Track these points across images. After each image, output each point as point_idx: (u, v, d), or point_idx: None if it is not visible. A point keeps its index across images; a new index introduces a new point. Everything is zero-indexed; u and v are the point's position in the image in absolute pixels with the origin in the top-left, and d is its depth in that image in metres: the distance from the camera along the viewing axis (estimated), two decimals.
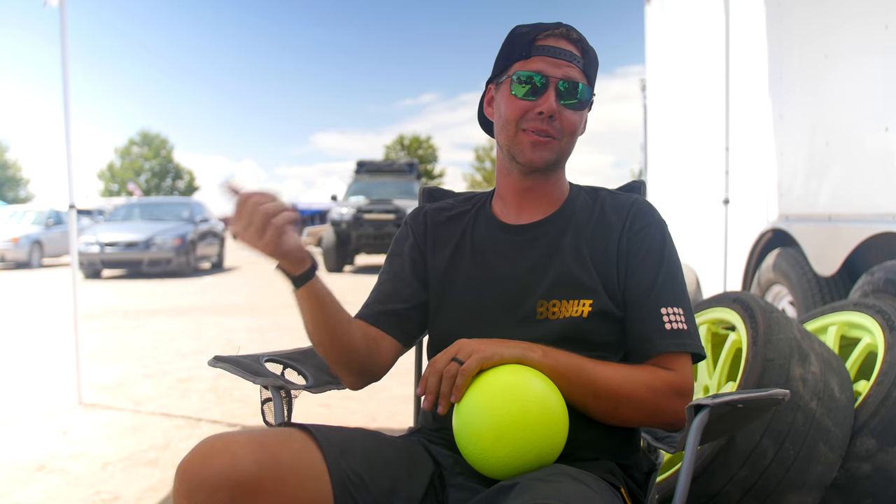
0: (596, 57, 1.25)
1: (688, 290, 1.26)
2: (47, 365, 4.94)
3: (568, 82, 1.19)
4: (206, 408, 3.76)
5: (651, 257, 1.22)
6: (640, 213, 1.26)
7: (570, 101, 1.19)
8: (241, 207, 1.04)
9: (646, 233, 1.24)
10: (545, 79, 1.18)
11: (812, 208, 3.24)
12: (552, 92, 1.18)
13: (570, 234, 1.25)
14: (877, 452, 1.73)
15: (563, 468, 1.02)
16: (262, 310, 7.87)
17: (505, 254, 1.26)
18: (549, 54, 1.19)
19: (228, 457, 0.96)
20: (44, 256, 15.08)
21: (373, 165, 15.33)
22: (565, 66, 1.19)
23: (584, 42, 1.23)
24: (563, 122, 1.20)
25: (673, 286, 1.20)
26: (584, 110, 1.24)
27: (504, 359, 1.06)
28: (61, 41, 3.71)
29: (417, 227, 1.36)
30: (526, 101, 1.19)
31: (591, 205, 1.29)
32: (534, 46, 1.20)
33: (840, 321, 2.18)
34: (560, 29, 1.21)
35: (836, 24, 3.01)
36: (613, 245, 1.23)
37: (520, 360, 1.07)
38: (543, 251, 1.24)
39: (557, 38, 1.21)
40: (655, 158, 6.61)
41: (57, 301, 8.52)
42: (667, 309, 1.18)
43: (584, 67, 1.21)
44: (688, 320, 1.18)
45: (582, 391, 1.10)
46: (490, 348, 1.06)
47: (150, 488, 2.61)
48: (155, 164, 48.49)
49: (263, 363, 1.34)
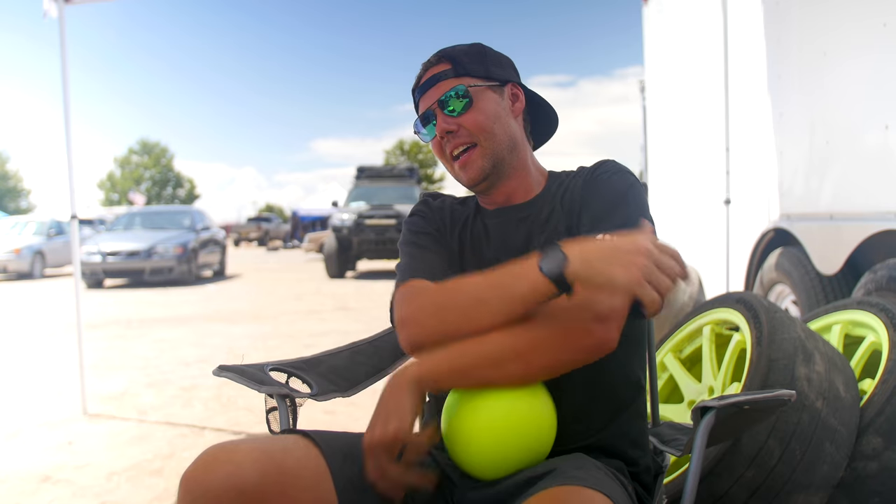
0: (475, 50, 1.29)
1: (691, 293, 1.24)
2: (51, 375, 4.94)
3: (443, 96, 1.24)
4: (211, 416, 3.76)
5: (603, 194, 1.20)
6: (603, 165, 1.27)
7: (453, 106, 1.24)
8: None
9: (604, 177, 1.23)
10: (428, 111, 1.27)
11: (813, 207, 3.24)
12: (439, 115, 1.25)
13: (545, 210, 1.26)
14: (883, 451, 1.72)
15: (581, 456, 1.06)
16: (264, 317, 7.87)
17: (493, 237, 1.28)
18: (423, 91, 1.28)
19: (232, 466, 0.96)
20: (46, 267, 15.09)
21: (373, 171, 15.34)
22: (436, 88, 1.25)
23: (452, 51, 1.28)
24: (465, 127, 1.23)
25: (623, 223, 1.12)
26: (480, 103, 1.24)
27: (400, 426, 0.99)
28: (61, 52, 3.72)
29: (429, 212, 1.35)
30: (435, 138, 1.27)
31: (566, 181, 1.30)
32: (416, 95, 1.30)
33: (844, 320, 2.18)
34: (429, 61, 1.29)
35: (834, 22, 3.01)
36: (577, 201, 1.24)
37: (404, 407, 1.01)
38: (525, 230, 1.26)
39: (427, 71, 1.28)
40: (655, 160, 6.61)
41: (60, 311, 8.52)
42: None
43: (456, 72, 1.25)
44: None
45: (479, 371, 1.03)
46: (381, 431, 1.00)
47: (155, 498, 2.60)
48: (155, 173, 48.61)
49: (268, 372, 1.34)
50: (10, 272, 14.41)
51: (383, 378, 1.53)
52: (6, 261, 14.24)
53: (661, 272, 0.94)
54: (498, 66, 1.29)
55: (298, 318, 7.75)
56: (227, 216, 43.82)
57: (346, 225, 12.57)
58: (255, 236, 33.91)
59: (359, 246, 12.62)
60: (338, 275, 12.96)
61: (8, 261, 14.25)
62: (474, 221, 1.33)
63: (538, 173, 1.33)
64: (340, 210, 13.37)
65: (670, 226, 5.31)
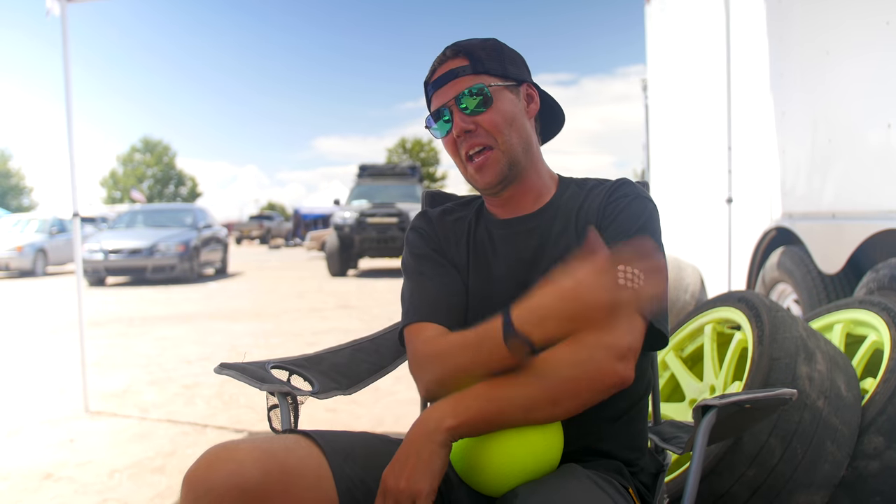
0: (492, 46, 1.25)
1: (693, 292, 1.24)
2: (53, 373, 4.95)
3: (460, 94, 1.21)
4: (213, 414, 3.76)
5: (621, 222, 1.19)
6: (622, 189, 1.25)
7: (471, 104, 1.20)
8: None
9: (622, 203, 1.22)
10: (443, 107, 1.23)
11: (815, 206, 3.23)
12: (455, 113, 1.22)
13: (557, 222, 1.25)
14: (885, 450, 1.72)
15: (572, 468, 1.03)
16: (266, 315, 7.88)
17: (501, 249, 1.27)
18: (438, 86, 1.24)
19: (234, 464, 0.96)
20: (48, 265, 15.10)
21: (375, 169, 15.34)
22: (453, 84, 1.22)
23: (469, 46, 1.24)
24: (482, 127, 1.21)
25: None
26: (499, 103, 1.21)
27: (425, 489, 0.97)
28: (63, 50, 3.72)
29: (428, 228, 1.34)
30: (448, 136, 1.24)
31: (578, 192, 1.29)
32: (429, 89, 1.26)
33: (845, 319, 2.18)
34: (444, 54, 1.25)
35: (837, 20, 3.01)
36: (593, 222, 1.22)
37: (436, 463, 0.99)
38: (535, 244, 1.24)
39: (443, 65, 1.24)
40: (658, 158, 6.61)
41: (61, 309, 8.53)
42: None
43: (474, 69, 1.22)
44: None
45: (510, 418, 1.02)
46: (407, 485, 0.98)
47: (156, 495, 2.61)
48: (157, 171, 48.65)
49: (270, 370, 1.34)
50: (13, 270, 14.44)
51: (384, 375, 1.53)
52: (8, 258, 14.26)
53: (621, 275, 0.95)
54: (514, 64, 1.26)
55: (300, 316, 7.76)
56: (229, 214, 43.85)
57: (347, 223, 12.57)
58: (257, 234, 33.92)
59: (360, 244, 12.62)
60: (339, 273, 12.97)
61: (10, 258, 14.27)
62: (477, 230, 1.31)
63: (548, 177, 1.32)
64: (342, 208, 13.37)
65: (672, 225, 5.31)
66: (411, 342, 1.20)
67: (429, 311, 1.21)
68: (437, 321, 1.20)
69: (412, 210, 12.24)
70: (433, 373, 1.12)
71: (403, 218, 12.32)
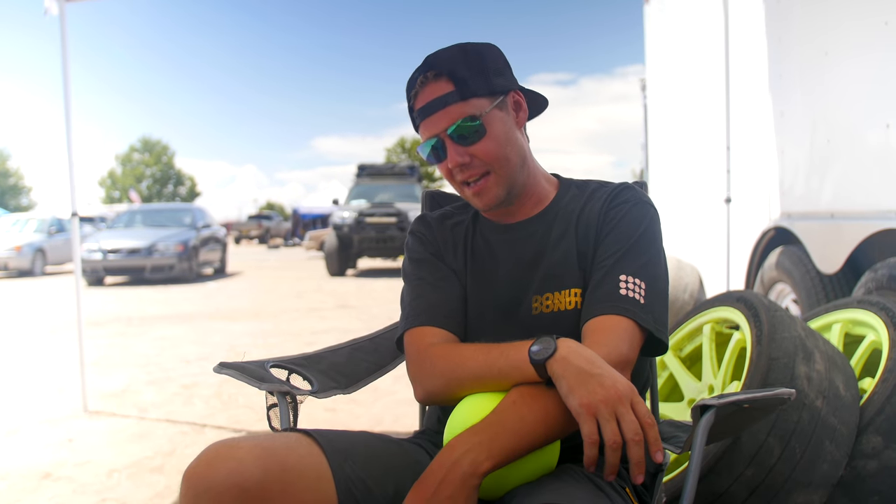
0: (473, 59, 1.19)
1: (692, 291, 1.24)
2: (52, 372, 4.94)
3: (453, 126, 1.17)
4: (211, 414, 3.76)
5: (623, 229, 1.19)
6: (624, 194, 1.25)
7: (465, 138, 1.17)
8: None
9: (624, 209, 1.22)
10: (434, 138, 1.19)
11: (814, 206, 3.24)
12: (449, 146, 1.18)
13: (557, 226, 1.25)
14: (883, 450, 1.72)
15: (570, 468, 1.03)
16: (265, 315, 7.88)
17: (500, 255, 1.27)
18: (426, 115, 1.19)
19: (234, 463, 0.96)
20: (47, 264, 15.09)
21: (374, 169, 15.33)
22: (442, 115, 1.17)
23: (451, 64, 1.18)
24: (478, 157, 1.18)
25: (644, 264, 1.15)
26: (492, 129, 1.18)
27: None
28: (62, 50, 3.72)
29: (427, 232, 1.34)
30: (443, 165, 1.21)
31: (579, 196, 1.28)
32: (415, 115, 1.22)
33: (844, 319, 2.18)
34: (426, 75, 1.18)
35: (836, 21, 3.01)
36: (594, 227, 1.22)
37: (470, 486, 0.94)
38: (534, 247, 1.24)
39: (425, 88, 1.19)
40: (656, 158, 6.61)
41: (60, 308, 8.52)
42: (627, 277, 1.12)
43: (462, 94, 1.16)
44: (650, 299, 1.12)
45: (537, 444, 1.00)
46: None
47: (155, 495, 2.61)
48: (156, 171, 48.63)
49: (269, 369, 1.34)
50: (11, 269, 14.42)
51: (384, 374, 1.53)
52: (7, 258, 14.25)
53: (622, 425, 0.93)
54: (497, 73, 1.21)
55: (299, 315, 7.76)
56: (227, 214, 43.71)
57: (346, 223, 12.57)
58: (256, 234, 33.88)
59: (359, 244, 12.62)
60: (338, 273, 12.96)
61: (9, 258, 14.25)
62: (476, 235, 1.31)
63: (545, 181, 1.31)
64: (341, 208, 13.36)
65: (671, 224, 5.32)
66: (412, 346, 1.20)
67: (429, 316, 1.22)
68: (437, 326, 1.21)
69: (411, 210, 12.26)
70: (440, 378, 1.12)
71: (402, 218, 12.30)
